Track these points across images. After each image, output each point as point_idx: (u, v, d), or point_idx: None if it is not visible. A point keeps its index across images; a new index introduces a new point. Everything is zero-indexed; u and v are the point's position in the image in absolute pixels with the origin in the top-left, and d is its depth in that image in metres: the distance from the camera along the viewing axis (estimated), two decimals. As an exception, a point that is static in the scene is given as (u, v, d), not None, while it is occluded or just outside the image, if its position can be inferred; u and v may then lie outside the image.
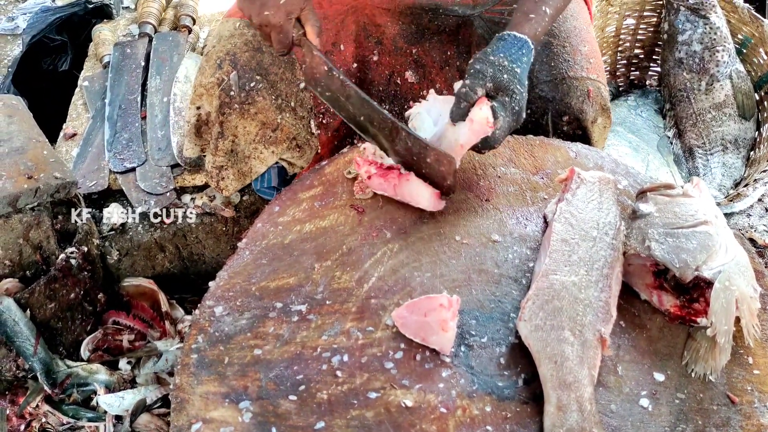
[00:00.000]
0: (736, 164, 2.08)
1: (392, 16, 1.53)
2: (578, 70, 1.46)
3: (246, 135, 1.48)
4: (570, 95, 1.45)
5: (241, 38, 1.46)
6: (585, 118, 1.46)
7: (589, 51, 1.50)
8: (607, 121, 1.51)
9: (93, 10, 2.44)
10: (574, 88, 1.45)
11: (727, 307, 1.01)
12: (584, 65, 1.47)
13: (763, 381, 1.02)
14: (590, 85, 1.46)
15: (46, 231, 1.54)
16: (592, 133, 1.48)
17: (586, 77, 1.46)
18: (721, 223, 1.10)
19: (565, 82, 1.45)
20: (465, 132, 1.18)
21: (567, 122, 1.46)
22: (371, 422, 0.95)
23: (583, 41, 1.50)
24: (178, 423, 0.95)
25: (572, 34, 1.49)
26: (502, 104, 1.18)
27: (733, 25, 2.15)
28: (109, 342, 1.64)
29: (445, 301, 1.01)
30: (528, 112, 1.47)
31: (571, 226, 1.11)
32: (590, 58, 1.50)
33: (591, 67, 1.48)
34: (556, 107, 1.45)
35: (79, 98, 2.12)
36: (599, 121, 1.49)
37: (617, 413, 0.97)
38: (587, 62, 1.48)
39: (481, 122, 1.16)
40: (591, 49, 1.52)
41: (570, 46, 1.48)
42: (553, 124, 1.46)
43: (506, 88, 1.17)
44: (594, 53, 1.52)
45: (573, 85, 1.45)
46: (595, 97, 1.46)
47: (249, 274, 1.15)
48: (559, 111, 1.45)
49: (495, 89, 1.17)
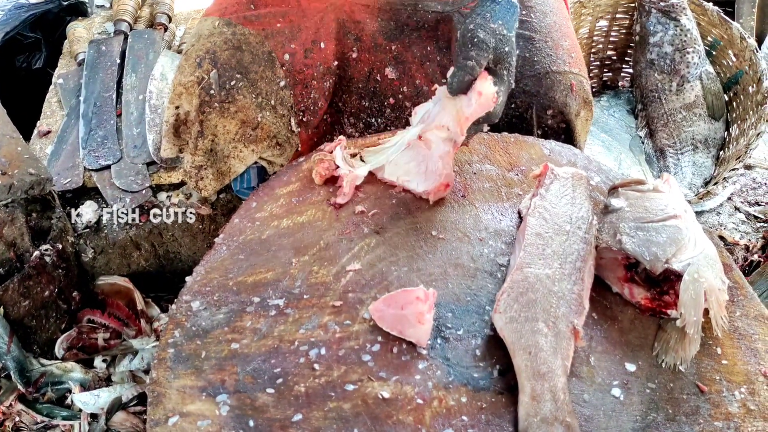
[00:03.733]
0: (706, 163, 2.12)
1: (371, 13, 1.54)
2: (561, 64, 1.49)
3: (226, 134, 1.47)
4: (554, 89, 1.48)
5: (220, 37, 1.46)
6: (569, 111, 1.49)
7: (570, 45, 1.54)
8: (589, 114, 1.55)
9: (67, 7, 2.41)
10: (558, 82, 1.48)
11: (696, 298, 1.03)
12: (566, 59, 1.50)
13: (731, 371, 1.05)
14: (573, 79, 1.49)
15: (20, 228, 1.52)
16: (576, 126, 1.51)
17: (568, 71, 1.49)
18: (690, 218, 1.13)
19: (549, 76, 1.48)
20: (470, 104, 1.16)
21: (551, 116, 1.49)
22: (349, 414, 0.95)
23: (563, 36, 1.53)
24: (154, 417, 0.95)
25: (553, 29, 1.52)
26: (501, 78, 1.18)
27: (703, 27, 2.20)
28: (84, 340, 1.63)
29: (421, 294, 1.02)
30: (512, 107, 1.50)
31: (545, 220, 1.13)
32: (572, 52, 1.53)
33: (573, 61, 1.52)
34: (540, 101, 1.48)
35: (54, 96, 2.10)
36: (582, 114, 1.52)
37: (590, 402, 0.99)
38: (569, 57, 1.51)
39: (488, 96, 1.16)
40: (572, 43, 1.55)
41: (552, 41, 1.50)
42: (538, 118, 1.49)
43: (504, 60, 1.18)
44: (575, 48, 1.55)
45: (556, 79, 1.48)
46: (578, 91, 1.49)
47: (226, 269, 1.16)
48: (544, 105, 1.48)
49: (495, 61, 1.17)
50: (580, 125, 1.53)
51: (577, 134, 1.52)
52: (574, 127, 1.51)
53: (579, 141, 1.55)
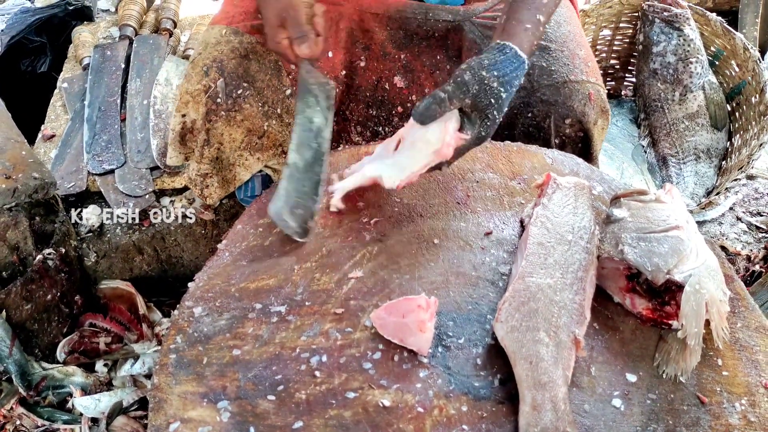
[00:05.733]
0: (709, 173, 2.12)
1: (381, 22, 1.55)
2: (578, 73, 1.49)
3: (232, 142, 1.48)
4: (572, 98, 1.48)
5: (227, 45, 1.47)
6: (587, 120, 1.49)
7: (585, 55, 1.54)
8: (605, 122, 1.55)
9: (73, 12, 2.43)
10: (576, 91, 1.48)
11: (697, 309, 1.03)
12: (583, 69, 1.50)
13: (732, 382, 1.05)
14: (591, 88, 1.49)
15: (23, 232, 1.53)
16: (593, 135, 1.52)
17: (586, 80, 1.49)
18: (692, 228, 1.13)
19: (567, 85, 1.48)
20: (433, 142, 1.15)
21: (570, 125, 1.49)
22: (349, 422, 0.96)
23: (579, 45, 1.53)
24: (156, 422, 0.95)
25: (569, 38, 1.52)
26: (472, 124, 1.16)
27: (706, 37, 2.21)
28: (85, 344, 1.63)
29: (423, 303, 1.02)
30: (529, 116, 1.50)
31: (547, 229, 1.14)
32: (588, 61, 1.53)
33: (589, 70, 1.52)
34: (558, 110, 1.48)
35: (58, 100, 2.11)
36: (599, 123, 1.52)
37: (590, 413, 0.99)
38: (585, 66, 1.51)
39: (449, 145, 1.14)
40: (587, 52, 1.55)
41: (568, 50, 1.51)
42: (556, 127, 1.49)
43: (482, 112, 1.14)
44: (590, 57, 1.55)
45: (575, 88, 1.48)
46: (596, 100, 1.49)
47: (229, 275, 1.16)
48: (562, 114, 1.48)
49: (471, 107, 1.14)
50: (597, 134, 1.53)
51: (594, 143, 1.53)
52: (592, 136, 1.51)
53: (595, 150, 1.55)
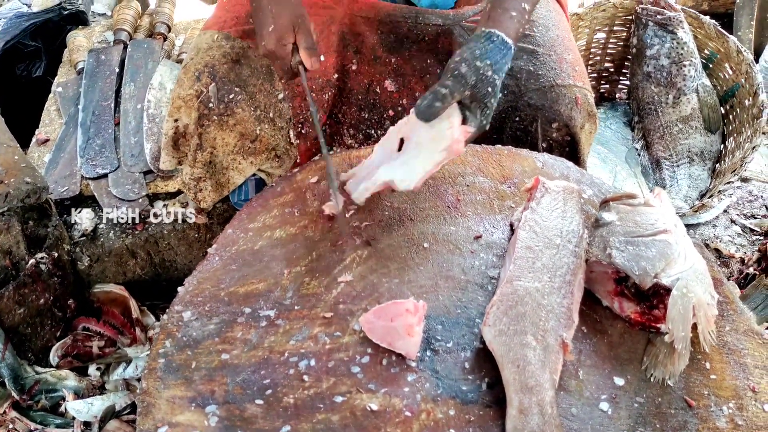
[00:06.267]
0: (702, 176, 2.13)
1: (371, 26, 1.55)
2: (565, 78, 1.50)
3: (224, 146, 1.48)
4: (559, 102, 1.48)
5: (219, 50, 1.47)
6: (574, 124, 1.49)
7: (573, 59, 1.54)
8: (593, 126, 1.55)
9: (68, 16, 2.43)
10: (563, 95, 1.49)
11: (685, 313, 1.04)
12: (570, 73, 1.51)
13: (719, 385, 1.05)
14: (578, 92, 1.50)
15: (15, 236, 1.53)
16: (580, 139, 1.52)
17: (573, 85, 1.50)
18: (680, 232, 1.13)
19: (554, 89, 1.48)
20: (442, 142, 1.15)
21: (556, 129, 1.49)
22: (337, 426, 0.96)
23: (567, 50, 1.54)
24: (144, 427, 0.96)
25: (556, 42, 1.53)
26: (474, 115, 1.16)
27: (699, 40, 2.21)
28: (78, 348, 1.63)
29: (411, 307, 1.03)
30: (516, 120, 1.50)
31: (536, 233, 1.14)
32: (575, 66, 1.53)
33: (577, 74, 1.52)
34: (545, 114, 1.48)
35: (53, 104, 2.11)
36: (586, 127, 1.53)
37: (578, 417, 0.99)
38: (573, 70, 1.52)
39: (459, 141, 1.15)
40: (575, 57, 1.56)
41: (555, 54, 1.51)
42: (543, 131, 1.49)
43: (481, 102, 1.15)
44: (578, 61, 1.56)
45: (561, 92, 1.48)
46: (583, 104, 1.50)
47: (218, 279, 1.16)
48: (549, 118, 1.48)
49: (471, 98, 1.14)
50: (584, 138, 1.53)
51: (581, 147, 1.53)
52: (579, 140, 1.52)
53: (583, 154, 1.55)
